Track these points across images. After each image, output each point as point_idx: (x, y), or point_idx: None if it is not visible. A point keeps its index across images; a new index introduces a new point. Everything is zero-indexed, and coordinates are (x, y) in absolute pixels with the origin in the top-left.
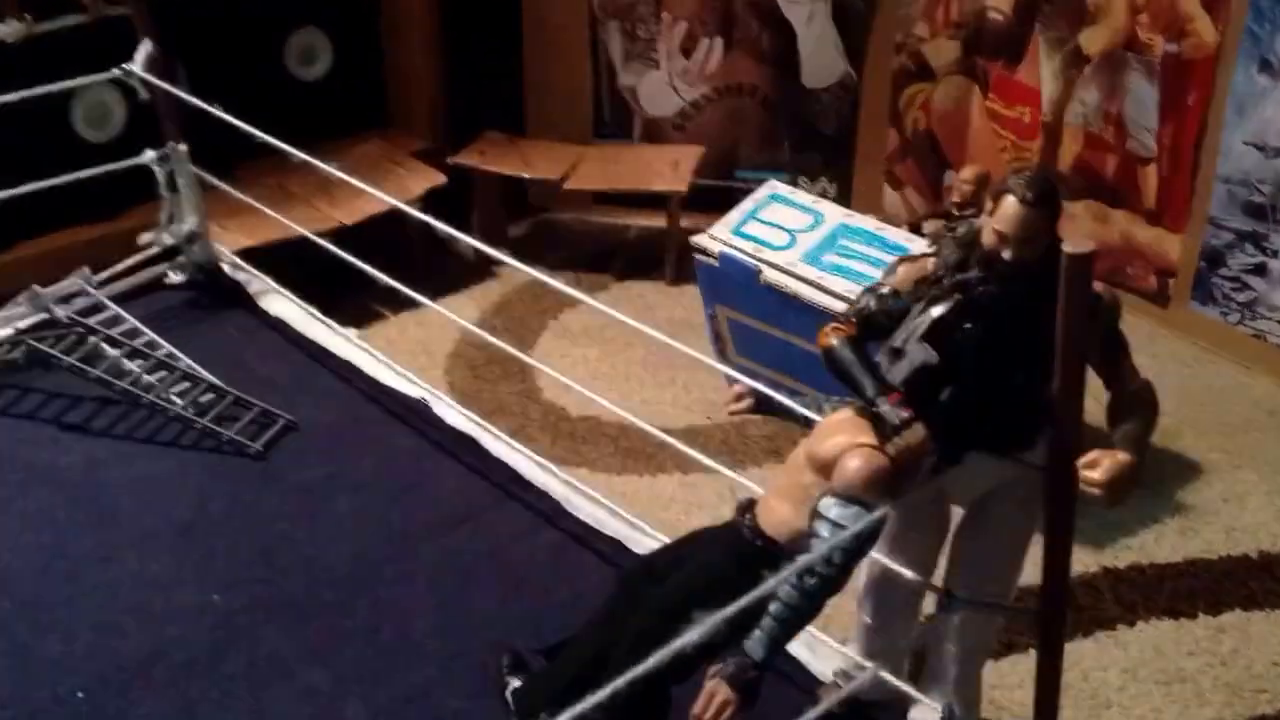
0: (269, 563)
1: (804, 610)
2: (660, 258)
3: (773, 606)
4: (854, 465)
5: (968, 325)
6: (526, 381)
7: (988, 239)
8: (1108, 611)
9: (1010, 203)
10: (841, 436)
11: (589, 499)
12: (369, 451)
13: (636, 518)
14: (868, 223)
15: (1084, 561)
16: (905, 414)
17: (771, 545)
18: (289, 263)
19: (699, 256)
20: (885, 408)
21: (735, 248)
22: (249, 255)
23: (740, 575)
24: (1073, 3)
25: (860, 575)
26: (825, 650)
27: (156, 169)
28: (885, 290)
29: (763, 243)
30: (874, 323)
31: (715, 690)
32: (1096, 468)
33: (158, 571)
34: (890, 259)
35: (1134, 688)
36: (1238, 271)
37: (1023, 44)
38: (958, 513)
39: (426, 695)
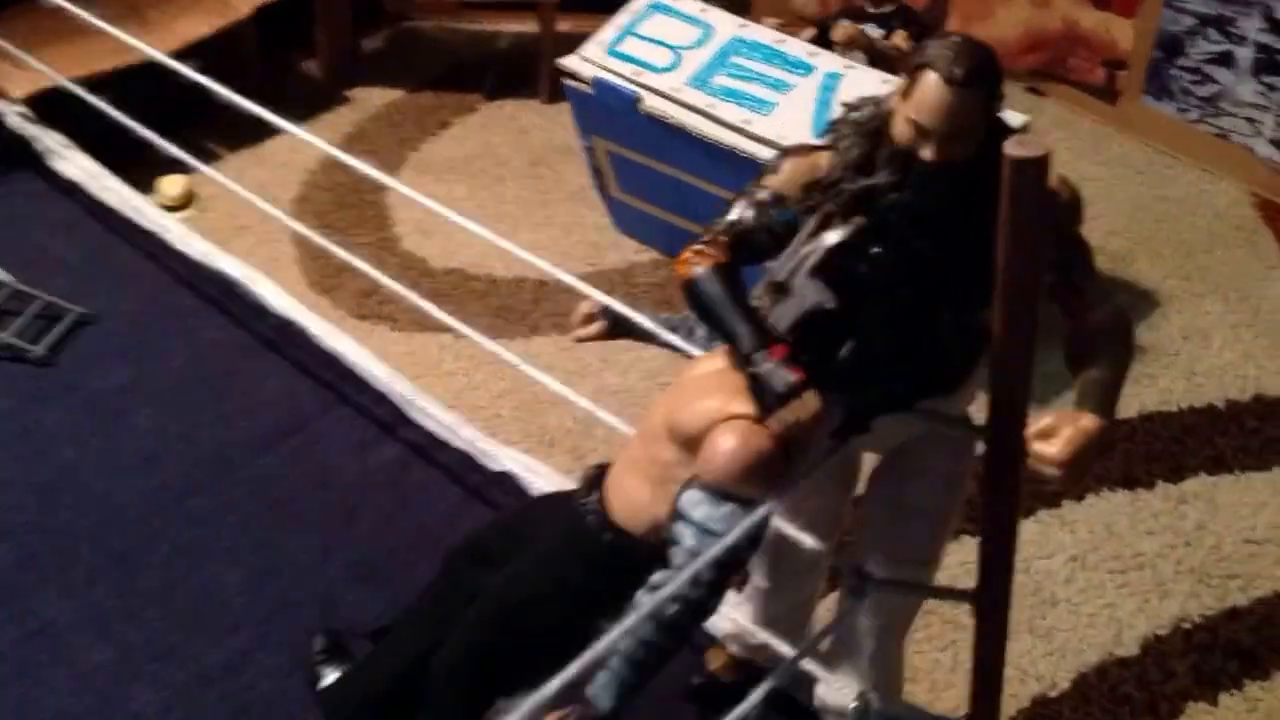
0: (48, 503)
1: (663, 646)
2: (536, 71)
3: (623, 643)
4: (726, 449)
5: (875, 250)
6: (383, 229)
7: (900, 131)
8: (1052, 484)
9: (932, 82)
10: (712, 401)
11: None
12: (177, 350)
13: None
14: (765, 35)
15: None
16: (793, 377)
17: (623, 539)
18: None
19: (569, 82)
20: (767, 366)
21: (610, 70)
22: (42, 102)
23: (586, 578)
24: None
25: None
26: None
27: None
28: (766, 196)
29: (642, 63)
30: (752, 242)
31: None
32: (1053, 439)
33: None
34: (796, 79)
35: (1083, 578)
36: (1198, 61)
37: None
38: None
39: (232, 673)
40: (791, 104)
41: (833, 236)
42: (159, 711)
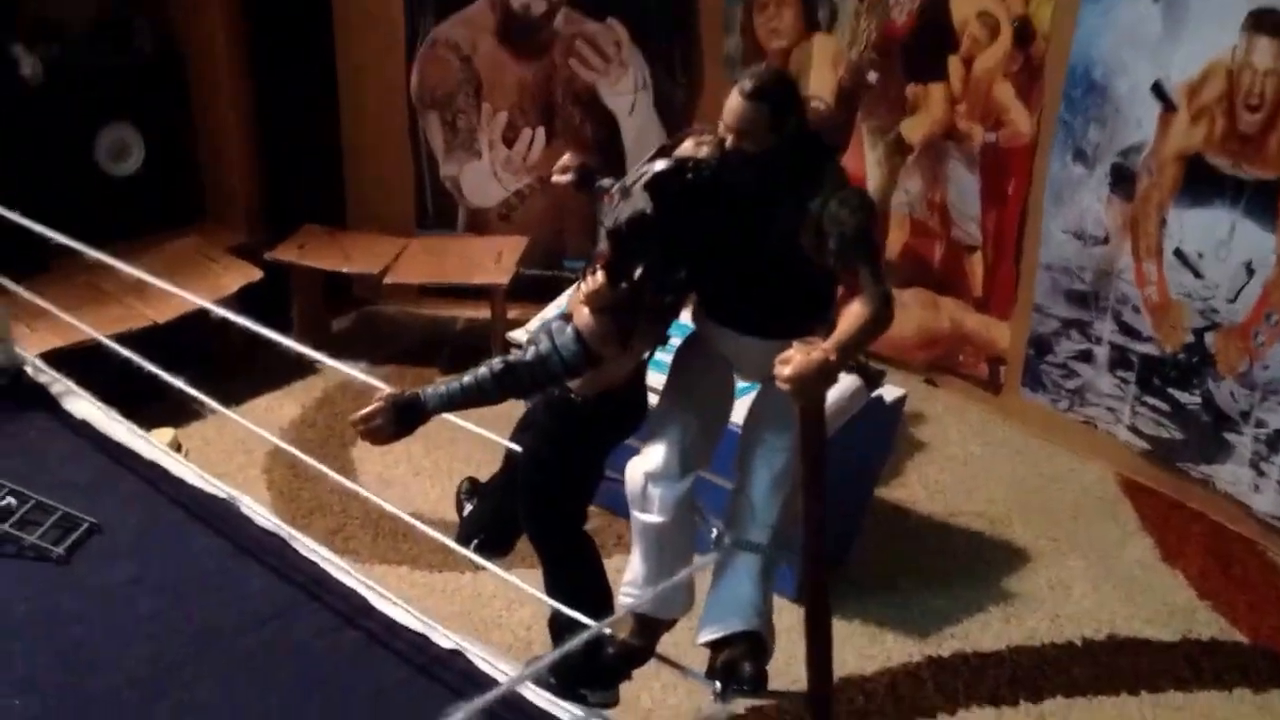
0: (69, 666)
1: (485, 390)
2: (488, 348)
3: (466, 376)
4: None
5: (689, 177)
6: (349, 477)
7: (720, 128)
8: (929, 700)
9: (733, 94)
10: None
11: (389, 601)
12: (173, 553)
13: (436, 619)
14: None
15: (908, 650)
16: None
17: (568, 395)
18: (102, 362)
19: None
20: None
21: None
22: (59, 356)
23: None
24: (892, 93)
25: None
26: None
27: None
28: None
29: None
30: None
31: (377, 403)
32: (787, 363)
33: None
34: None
35: None
36: (1065, 358)
37: (846, 133)
38: None
39: None
40: None
41: (660, 164)
42: None
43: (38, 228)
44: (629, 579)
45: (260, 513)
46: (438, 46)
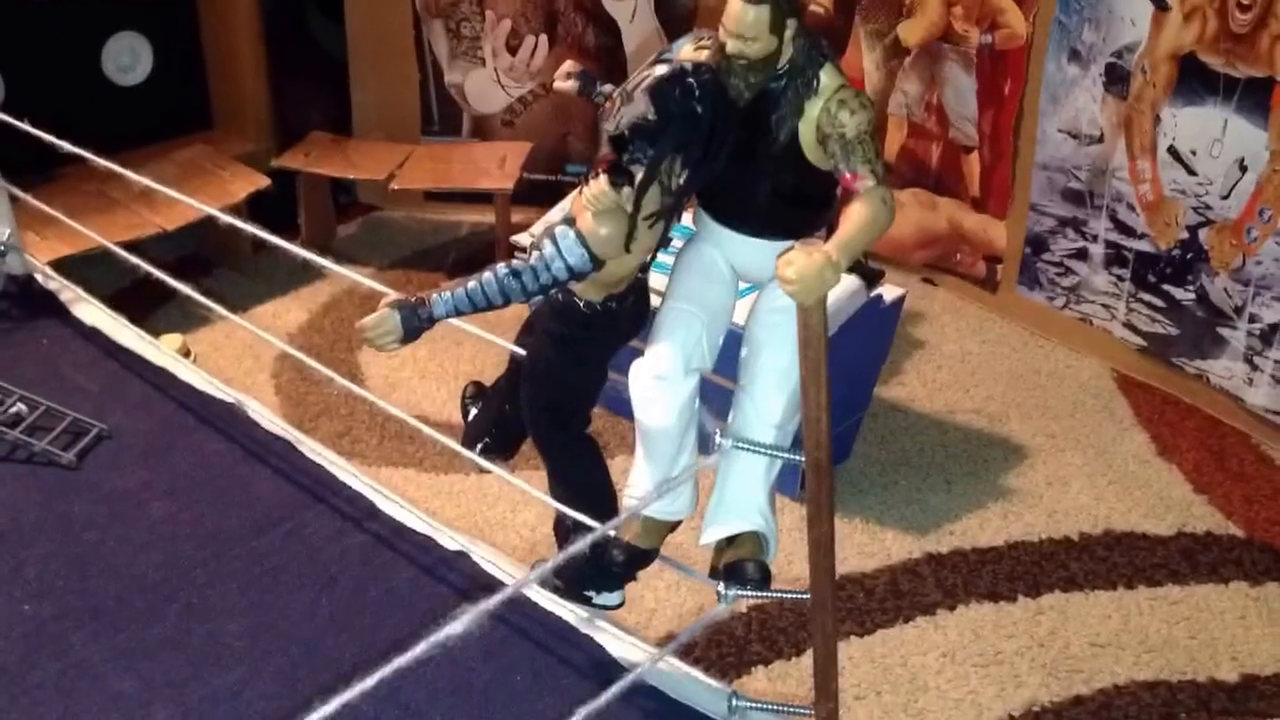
0: (80, 571)
1: (490, 294)
2: (492, 252)
3: (471, 281)
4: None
5: (689, 81)
6: (355, 381)
7: (720, 34)
8: (929, 596)
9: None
10: None
11: (396, 504)
12: (183, 458)
13: (442, 522)
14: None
15: (907, 547)
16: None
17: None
18: (111, 269)
19: (518, 255)
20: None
21: None
22: (69, 263)
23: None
24: None
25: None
26: None
27: None
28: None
29: None
30: None
31: (382, 310)
32: (790, 264)
33: None
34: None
35: (952, 670)
36: (1060, 256)
37: (844, 36)
38: None
39: (235, 695)
40: None
41: (661, 69)
42: None
43: (45, 136)
44: (632, 481)
45: (268, 416)
46: None
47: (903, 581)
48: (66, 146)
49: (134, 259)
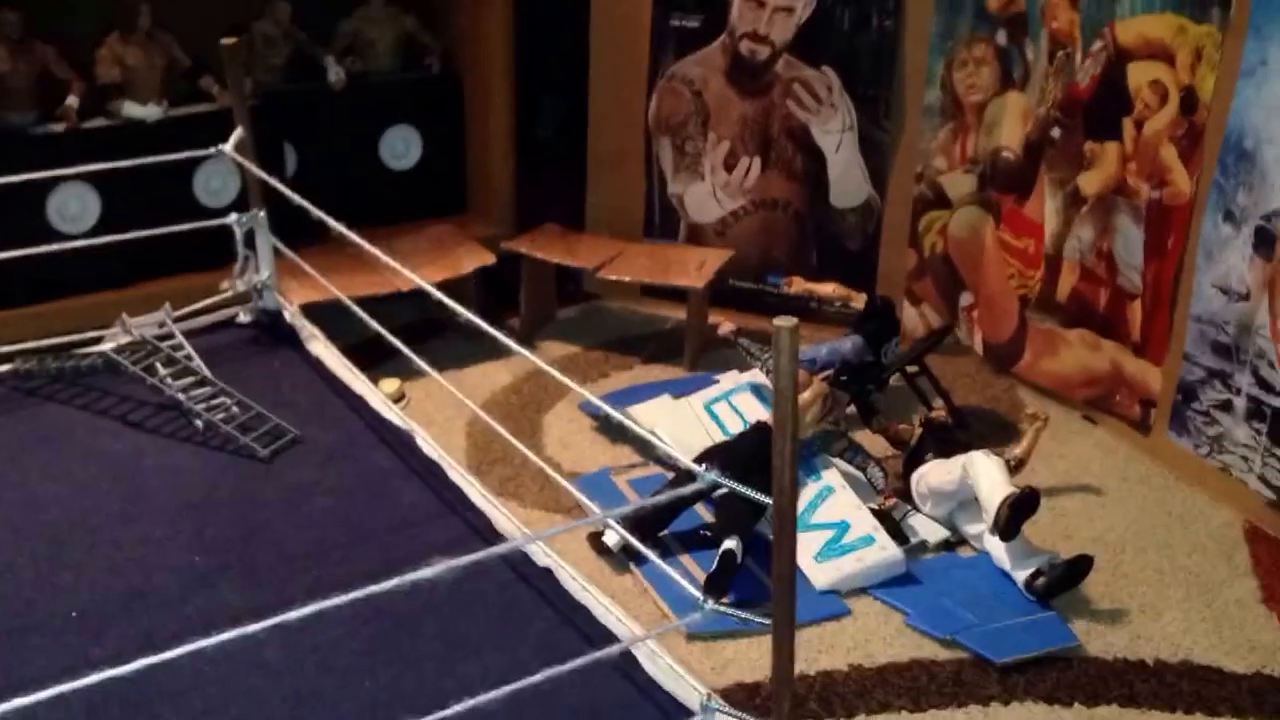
0: (246, 539)
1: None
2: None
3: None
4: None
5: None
6: (534, 437)
7: None
8: (988, 690)
9: None
10: None
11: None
12: (353, 466)
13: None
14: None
15: None
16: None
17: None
18: (359, 321)
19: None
20: None
21: None
22: (316, 309)
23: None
24: (1073, 148)
25: None
26: None
27: (236, 228)
28: None
29: (720, 425)
30: None
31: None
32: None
33: (160, 535)
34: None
35: None
36: (1208, 406)
37: (1031, 182)
38: None
39: (335, 647)
40: None
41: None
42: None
43: (311, 208)
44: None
45: (430, 444)
46: (674, 81)
47: (968, 673)
48: (324, 218)
49: (358, 311)
